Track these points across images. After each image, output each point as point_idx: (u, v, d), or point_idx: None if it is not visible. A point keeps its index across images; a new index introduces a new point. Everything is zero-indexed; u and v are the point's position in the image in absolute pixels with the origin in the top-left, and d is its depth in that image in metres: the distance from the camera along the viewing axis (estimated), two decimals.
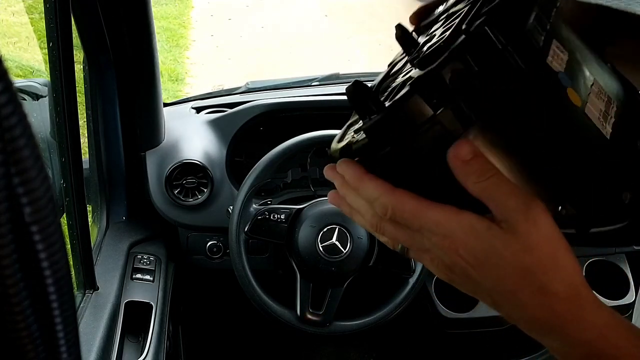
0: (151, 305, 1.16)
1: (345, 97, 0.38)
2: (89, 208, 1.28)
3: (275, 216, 1.21)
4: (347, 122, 0.47)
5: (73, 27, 0.95)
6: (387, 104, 0.38)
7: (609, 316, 0.36)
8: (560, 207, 0.38)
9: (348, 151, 0.41)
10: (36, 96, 1.18)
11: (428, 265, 0.40)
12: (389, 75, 0.45)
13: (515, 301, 0.37)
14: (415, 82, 0.36)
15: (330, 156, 0.44)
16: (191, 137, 1.39)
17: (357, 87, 0.39)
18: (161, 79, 1.31)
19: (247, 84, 1.72)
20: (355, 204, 0.42)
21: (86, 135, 1.28)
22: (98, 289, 1.09)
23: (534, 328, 0.37)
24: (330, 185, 0.44)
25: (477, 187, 0.36)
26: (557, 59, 0.37)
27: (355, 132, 0.41)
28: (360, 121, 0.40)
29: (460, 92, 0.35)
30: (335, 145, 0.44)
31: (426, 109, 0.35)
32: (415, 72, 0.38)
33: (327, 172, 0.43)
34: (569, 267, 0.36)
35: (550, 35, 0.37)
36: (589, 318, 0.36)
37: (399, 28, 0.43)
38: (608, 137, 0.38)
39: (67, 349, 0.24)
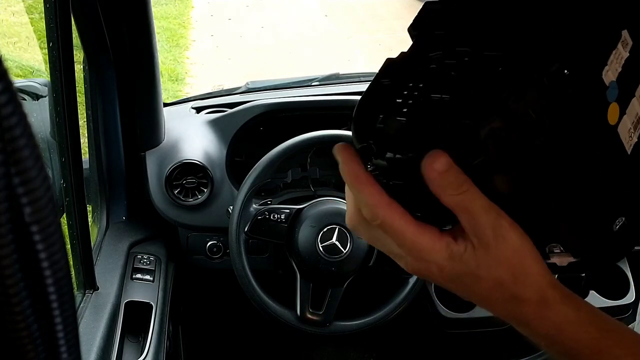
0: (151, 305, 1.16)
1: (345, 97, 0.38)
2: (89, 208, 1.28)
3: (275, 216, 1.21)
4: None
5: (73, 27, 0.95)
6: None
7: (573, 312, 0.39)
8: (547, 249, 0.39)
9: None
10: (36, 96, 1.18)
11: (401, 266, 0.42)
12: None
13: (487, 305, 0.40)
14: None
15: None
16: (191, 137, 1.39)
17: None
18: (161, 79, 1.31)
19: (247, 84, 1.72)
20: (347, 194, 0.42)
21: (86, 135, 1.28)
22: (98, 289, 1.09)
23: (504, 320, 0.41)
24: (330, 186, 0.45)
25: (451, 200, 0.37)
26: (615, 62, 0.36)
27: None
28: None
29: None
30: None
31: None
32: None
33: (337, 149, 0.40)
34: (536, 274, 0.39)
35: (620, 27, 0.36)
36: (551, 316, 0.39)
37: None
38: (629, 151, 0.37)
39: (67, 349, 0.24)
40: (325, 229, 1.19)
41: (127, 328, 1.10)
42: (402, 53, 0.39)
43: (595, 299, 1.43)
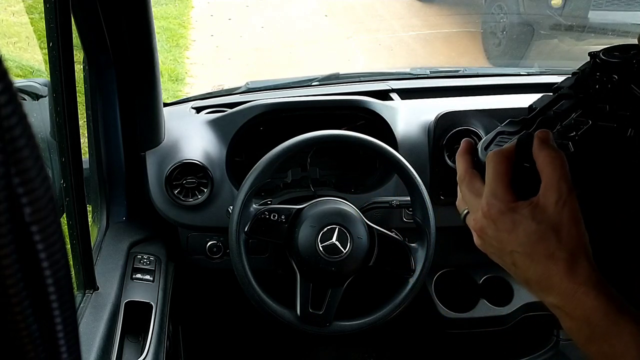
0: (151, 305, 1.16)
1: (345, 97, 0.39)
2: (89, 208, 1.28)
3: (275, 216, 1.21)
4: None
5: (73, 27, 0.95)
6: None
7: (595, 274, 0.47)
8: None
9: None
10: (36, 96, 1.18)
11: (470, 225, 0.54)
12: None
13: (529, 262, 0.49)
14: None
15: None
16: (191, 137, 1.39)
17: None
18: (161, 79, 1.31)
19: (247, 84, 1.72)
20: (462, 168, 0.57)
21: (86, 135, 1.28)
22: (98, 289, 1.09)
23: (540, 287, 0.49)
24: (330, 186, 0.45)
25: (541, 161, 0.48)
26: None
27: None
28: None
29: None
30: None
31: None
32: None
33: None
34: (575, 240, 0.47)
35: None
36: (580, 271, 0.47)
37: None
38: None
39: (67, 349, 0.24)
40: (325, 229, 1.19)
41: (127, 328, 1.10)
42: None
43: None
